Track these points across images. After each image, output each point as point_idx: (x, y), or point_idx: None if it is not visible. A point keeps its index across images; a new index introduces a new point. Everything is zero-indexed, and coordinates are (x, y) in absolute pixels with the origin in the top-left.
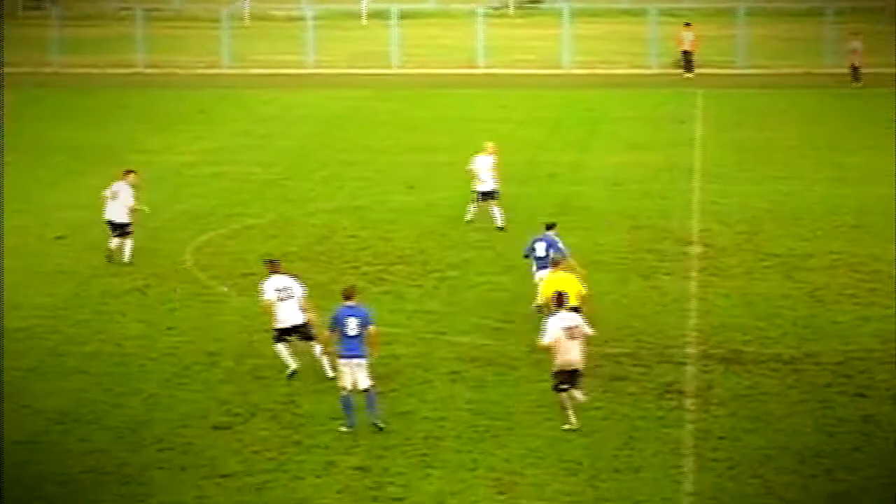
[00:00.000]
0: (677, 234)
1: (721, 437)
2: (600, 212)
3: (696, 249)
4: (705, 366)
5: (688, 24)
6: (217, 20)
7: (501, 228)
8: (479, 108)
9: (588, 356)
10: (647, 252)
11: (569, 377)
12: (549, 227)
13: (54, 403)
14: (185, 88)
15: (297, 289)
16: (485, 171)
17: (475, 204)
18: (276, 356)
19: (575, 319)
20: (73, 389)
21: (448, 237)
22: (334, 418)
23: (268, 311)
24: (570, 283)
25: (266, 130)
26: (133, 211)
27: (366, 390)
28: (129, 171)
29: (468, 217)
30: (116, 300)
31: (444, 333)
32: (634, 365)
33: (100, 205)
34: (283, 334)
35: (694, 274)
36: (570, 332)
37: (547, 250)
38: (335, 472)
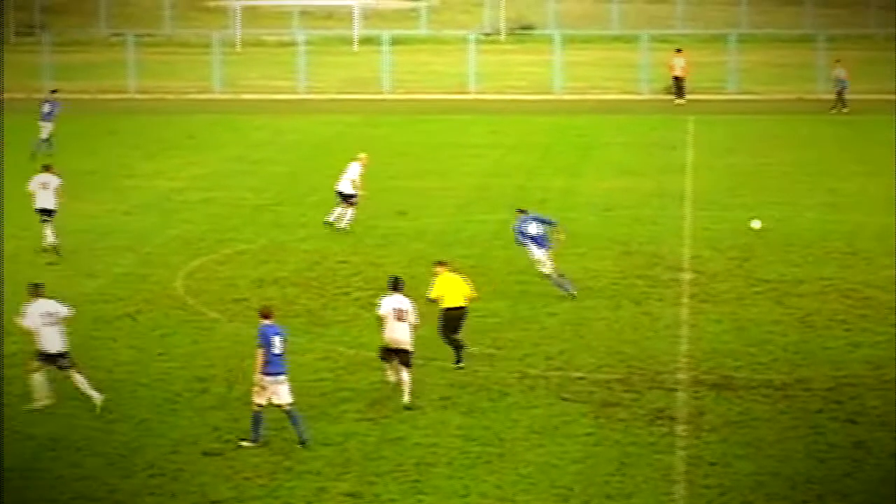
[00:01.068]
0: (668, 260)
1: (712, 464)
2: (591, 237)
3: (687, 275)
4: (696, 392)
5: (679, 51)
6: (208, 46)
7: (335, 226)
8: (470, 133)
9: (417, 339)
10: (638, 278)
11: (395, 354)
12: (523, 210)
13: (45, 430)
14: (177, 114)
15: (63, 312)
16: (352, 176)
17: (341, 206)
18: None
19: (405, 304)
20: (64, 416)
21: None
22: (326, 444)
23: (30, 333)
24: (459, 284)
25: (257, 156)
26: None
27: (289, 408)
28: (48, 166)
29: (341, 224)
30: (107, 326)
31: (435, 359)
32: (626, 391)
33: (91, 228)
34: (45, 359)
35: (685, 300)
36: (399, 314)
37: (540, 228)
38: (326, 498)
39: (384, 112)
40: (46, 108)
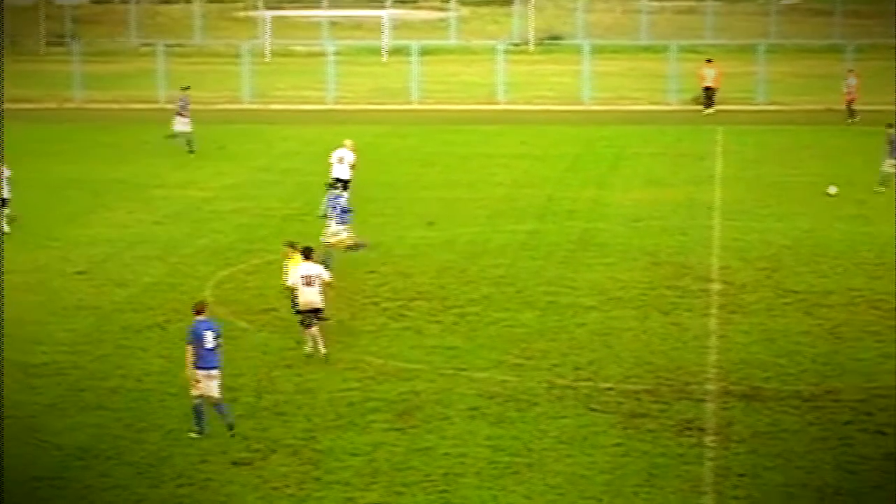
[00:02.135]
0: (697, 271)
1: (741, 475)
2: (620, 248)
3: (716, 286)
4: (725, 402)
5: (710, 61)
6: (238, 56)
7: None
8: (499, 144)
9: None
10: (667, 288)
11: (311, 315)
12: (334, 186)
13: (74, 439)
14: (206, 124)
15: None
16: (337, 161)
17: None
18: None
19: (313, 269)
20: (93, 425)
21: (467, 273)
22: (354, 454)
23: None
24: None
25: (286, 166)
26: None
27: (217, 401)
28: None
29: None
30: (137, 335)
31: (463, 369)
32: (654, 401)
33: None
34: None
35: (714, 310)
36: (307, 280)
37: (349, 204)
38: None
39: (413, 122)
40: (180, 104)
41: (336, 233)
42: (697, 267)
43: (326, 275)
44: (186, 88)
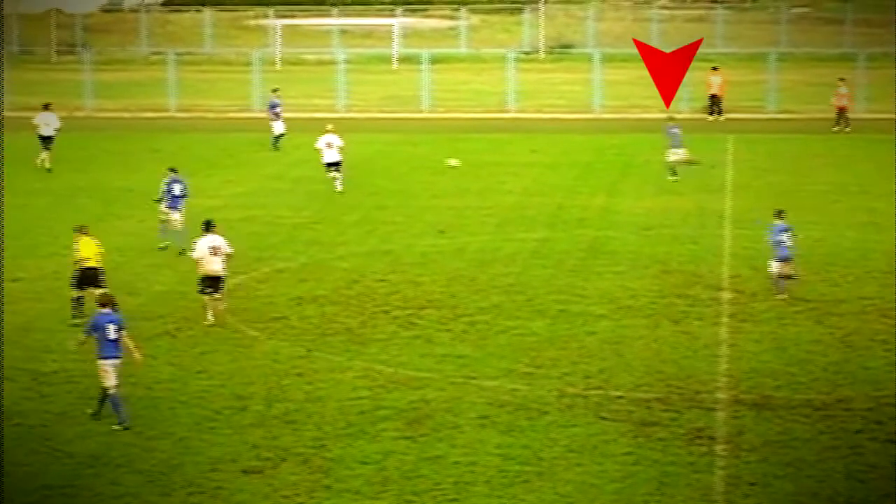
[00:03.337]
0: (708, 280)
1: (752, 484)
2: (630, 256)
3: (726, 294)
4: (736, 411)
5: (715, 69)
6: (248, 64)
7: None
8: (509, 152)
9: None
10: (678, 297)
11: (212, 283)
12: (174, 170)
13: (85, 447)
14: (216, 132)
15: None
16: (339, 144)
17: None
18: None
19: (218, 241)
20: (103, 433)
21: (478, 281)
22: (364, 463)
23: None
24: (93, 246)
25: (297, 174)
26: None
27: (113, 391)
28: None
29: (340, 187)
30: (147, 344)
31: (474, 378)
32: (665, 410)
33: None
34: None
35: (724, 319)
36: (214, 251)
37: (183, 190)
38: None
39: (423, 130)
40: (272, 107)
41: (167, 213)
42: (708, 275)
43: (228, 247)
44: (276, 90)
